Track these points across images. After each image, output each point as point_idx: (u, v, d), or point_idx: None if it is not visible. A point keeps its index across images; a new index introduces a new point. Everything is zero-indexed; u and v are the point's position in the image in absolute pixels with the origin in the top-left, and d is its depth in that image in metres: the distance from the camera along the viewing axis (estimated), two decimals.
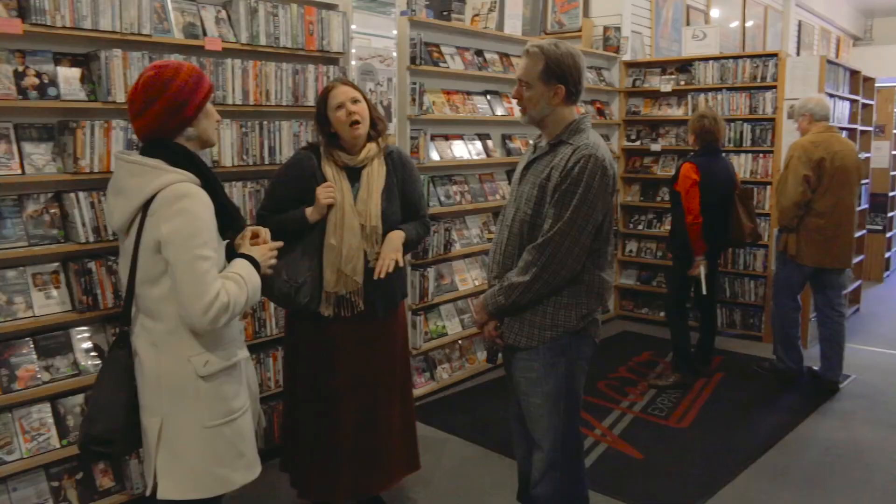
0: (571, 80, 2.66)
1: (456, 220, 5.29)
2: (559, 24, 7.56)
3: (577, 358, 2.79)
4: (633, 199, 7.07)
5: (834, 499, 3.75)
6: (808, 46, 12.44)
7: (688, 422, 4.67)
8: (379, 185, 3.13)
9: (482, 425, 4.50)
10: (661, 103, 6.94)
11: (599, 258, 2.72)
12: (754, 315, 6.43)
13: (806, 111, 5.18)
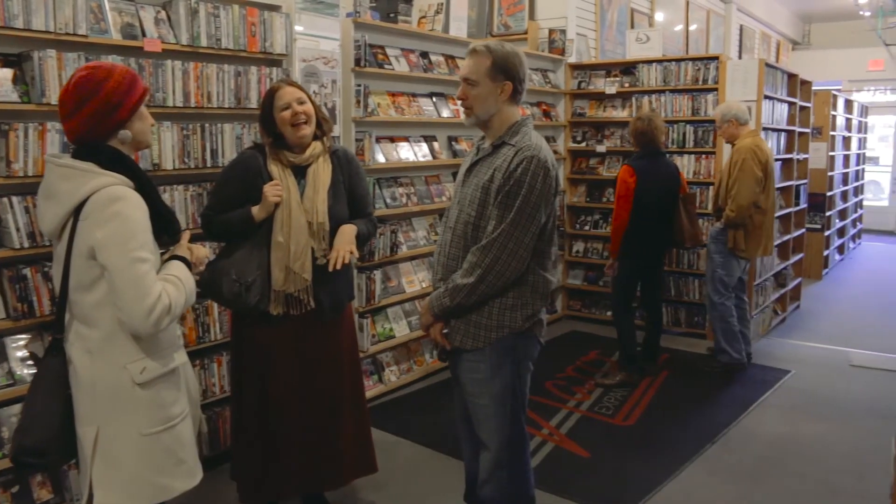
0: (518, 77, 2.69)
1: (402, 221, 5.28)
2: (505, 26, 7.58)
3: (523, 358, 2.81)
4: (580, 200, 7.13)
5: (775, 491, 3.83)
6: (750, 50, 12.69)
7: (633, 419, 4.72)
8: (325, 183, 3.12)
9: (431, 427, 4.50)
10: (606, 105, 7.02)
11: (544, 259, 2.75)
12: (698, 313, 6.54)
13: (731, 116, 5.41)
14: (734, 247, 5.38)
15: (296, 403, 3.17)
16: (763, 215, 5.38)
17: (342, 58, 4.64)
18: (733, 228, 5.35)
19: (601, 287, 6.97)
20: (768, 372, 5.65)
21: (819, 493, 3.82)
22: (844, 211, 10.91)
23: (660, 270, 5.62)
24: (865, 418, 4.74)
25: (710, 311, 5.65)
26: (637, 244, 5.16)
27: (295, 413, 3.17)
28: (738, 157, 5.25)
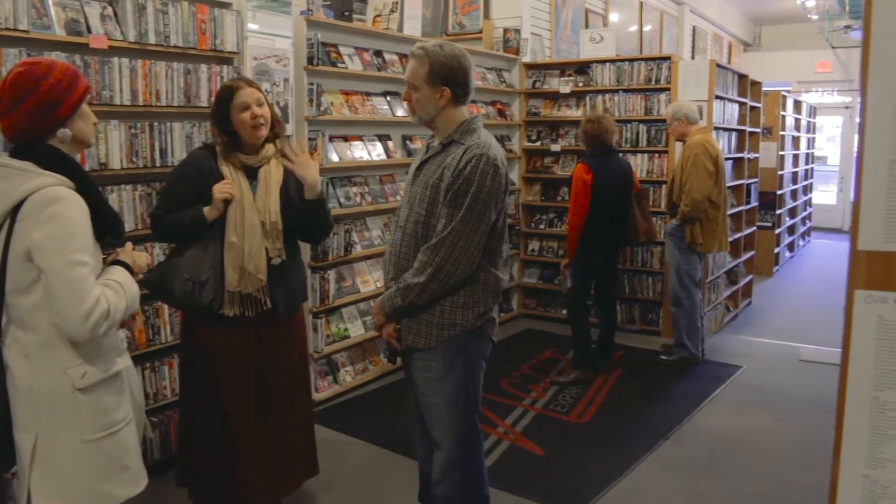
0: (457, 81, 2.68)
1: (357, 221, 5.25)
2: (460, 25, 7.59)
3: (476, 357, 2.81)
4: (535, 198, 7.16)
5: (726, 485, 3.88)
6: (702, 51, 12.86)
7: (588, 417, 4.75)
8: (277, 183, 3.09)
9: (386, 427, 4.47)
10: (561, 104, 7.06)
11: (495, 257, 2.75)
12: (653, 310, 6.61)
13: (681, 115, 5.52)
14: (692, 241, 5.47)
15: (253, 409, 3.12)
16: (717, 209, 5.50)
17: (294, 56, 4.60)
18: (689, 223, 5.44)
19: (557, 285, 7.00)
20: (720, 367, 5.72)
21: (768, 485, 3.88)
22: (794, 209, 11.12)
23: (614, 268, 5.68)
24: (813, 411, 4.83)
25: (675, 307, 5.71)
26: (592, 242, 5.19)
27: (253, 419, 3.12)
28: (690, 152, 5.35)
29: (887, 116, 1.27)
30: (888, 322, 1.29)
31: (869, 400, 1.32)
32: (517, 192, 7.09)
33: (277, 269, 3.06)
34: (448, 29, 7.68)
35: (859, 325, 1.31)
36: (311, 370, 4.80)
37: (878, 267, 1.30)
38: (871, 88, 1.28)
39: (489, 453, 4.15)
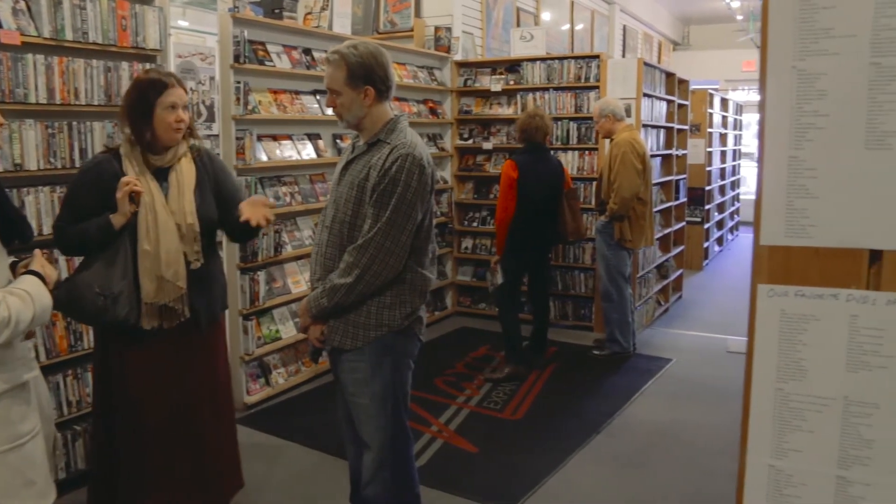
0: (378, 78, 2.67)
1: (287, 221, 5.19)
2: (391, 23, 7.57)
3: (403, 356, 2.80)
4: (467, 196, 7.18)
5: (657, 477, 3.94)
6: (633, 50, 13.07)
7: (521, 413, 4.78)
8: (190, 183, 2.96)
9: (319, 429, 4.43)
10: (492, 102, 7.09)
11: (422, 256, 2.74)
12: (585, 306, 6.69)
13: (609, 112, 5.59)
14: (621, 238, 5.55)
15: (173, 425, 3.01)
16: (644, 206, 5.60)
17: (220, 54, 4.53)
18: (618, 220, 5.52)
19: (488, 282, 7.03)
20: (651, 361, 5.83)
21: (696, 474, 3.96)
22: (722, 204, 11.38)
23: (546, 265, 5.73)
24: (740, 401, 4.89)
25: (605, 302, 5.79)
26: (521, 239, 5.24)
27: (174, 436, 3.01)
28: (618, 150, 5.43)
29: (785, 114, 1.30)
30: (790, 315, 1.33)
31: (773, 391, 1.35)
32: (450, 191, 7.10)
33: (197, 275, 2.95)
34: (379, 27, 7.65)
35: (763, 319, 1.34)
36: (242, 373, 4.75)
37: (780, 261, 1.33)
38: (770, 87, 1.31)
39: (423, 452, 4.15)
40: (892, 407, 1.27)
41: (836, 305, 1.29)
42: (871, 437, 1.29)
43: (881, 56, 1.23)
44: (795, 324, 1.32)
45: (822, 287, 1.29)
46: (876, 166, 1.25)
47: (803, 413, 1.34)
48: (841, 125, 1.26)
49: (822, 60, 1.26)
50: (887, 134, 1.23)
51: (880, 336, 1.27)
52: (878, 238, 1.26)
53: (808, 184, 1.28)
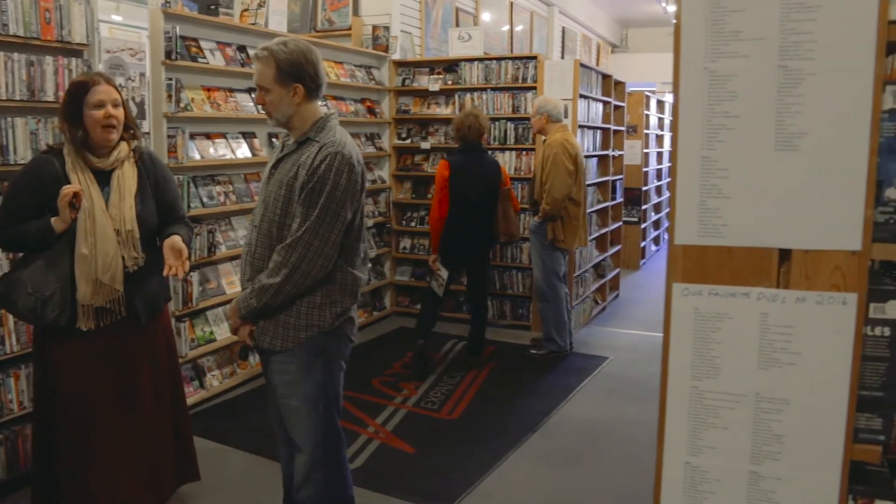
0: (308, 76, 2.65)
1: (221, 221, 5.10)
2: (329, 21, 7.51)
3: (335, 357, 2.79)
4: (405, 196, 7.16)
5: (592, 474, 3.98)
6: (572, 51, 13.19)
7: (459, 412, 4.79)
8: (131, 188, 2.95)
9: (255, 432, 4.37)
10: (430, 102, 7.08)
11: (352, 256, 2.73)
12: (523, 305, 6.73)
13: (545, 111, 5.61)
14: (554, 238, 5.58)
15: (119, 422, 2.97)
16: (577, 207, 5.64)
17: (151, 50, 4.43)
18: (551, 221, 5.55)
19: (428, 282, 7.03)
20: (588, 359, 5.88)
21: (631, 470, 4.00)
22: (659, 204, 11.56)
23: (485, 265, 5.75)
24: None
25: (541, 302, 5.82)
26: (455, 238, 5.27)
27: (120, 432, 2.98)
28: (550, 151, 5.46)
29: (697, 115, 1.32)
30: (704, 314, 1.35)
31: (688, 389, 1.37)
32: (388, 190, 7.08)
33: (134, 275, 2.94)
34: (317, 25, 7.59)
35: (677, 317, 1.36)
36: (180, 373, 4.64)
37: (694, 261, 1.35)
38: (683, 88, 1.33)
39: (359, 453, 4.13)
40: (800, 402, 1.30)
41: (747, 304, 1.31)
42: (781, 433, 1.32)
43: (788, 59, 1.26)
44: (709, 322, 1.34)
45: (735, 286, 1.32)
46: (784, 167, 1.27)
47: (717, 410, 1.36)
48: (751, 126, 1.29)
49: (732, 62, 1.29)
50: (795, 135, 1.26)
51: (789, 333, 1.30)
52: (787, 237, 1.29)
53: (720, 184, 1.31)
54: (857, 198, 1.24)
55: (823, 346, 1.29)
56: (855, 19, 1.21)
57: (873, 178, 1.23)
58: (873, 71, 1.20)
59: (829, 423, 1.29)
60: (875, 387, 1.30)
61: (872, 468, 1.34)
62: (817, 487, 1.31)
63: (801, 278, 1.29)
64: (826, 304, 1.28)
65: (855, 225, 1.25)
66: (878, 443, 1.31)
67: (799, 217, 1.28)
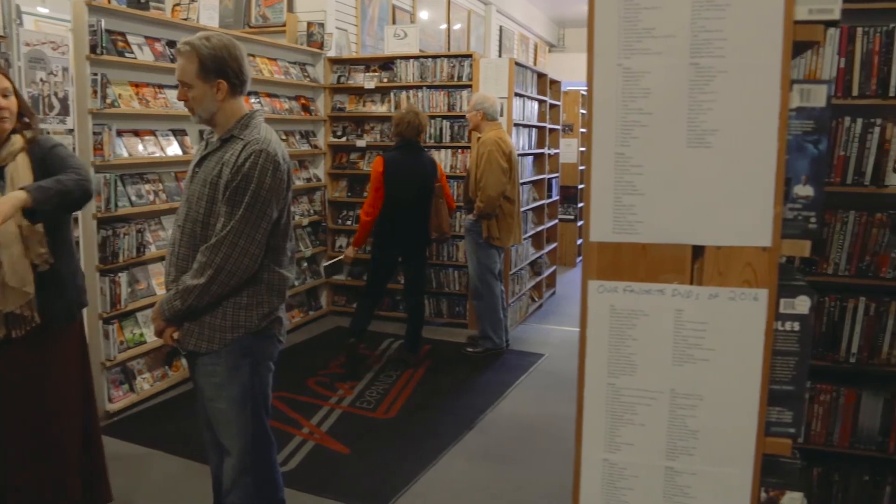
0: (231, 72, 2.59)
1: (150, 220, 4.98)
2: (263, 17, 7.40)
3: (262, 358, 2.74)
4: (341, 195, 7.10)
5: (528, 469, 4.00)
6: (509, 50, 13.24)
7: (395, 412, 4.77)
8: (27, 181, 2.74)
9: (188, 436, 4.27)
10: (366, 100, 7.04)
11: (279, 255, 2.69)
12: (459, 304, 6.73)
13: (482, 108, 5.63)
14: (489, 236, 5.59)
15: (28, 437, 2.84)
16: (512, 205, 5.66)
17: (74, 44, 4.30)
18: (485, 219, 5.56)
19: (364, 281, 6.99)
20: (524, 356, 5.92)
21: (565, 466, 4.01)
22: None
23: (422, 263, 5.73)
24: None
25: (476, 300, 5.84)
26: (388, 235, 5.27)
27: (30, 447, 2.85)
28: (484, 149, 5.47)
29: (612, 112, 1.32)
30: (619, 311, 1.35)
31: (605, 386, 1.38)
32: (323, 189, 7.01)
33: (46, 277, 2.78)
34: (251, 21, 7.47)
35: (593, 315, 1.36)
36: (104, 379, 4.53)
37: (609, 257, 1.36)
38: (597, 85, 1.33)
39: (293, 455, 4.08)
40: (714, 398, 1.31)
41: (662, 300, 1.32)
42: (696, 428, 1.33)
43: (699, 56, 1.26)
44: (625, 319, 1.35)
45: (650, 282, 1.32)
46: (697, 164, 1.28)
47: (634, 407, 1.37)
48: (664, 123, 1.29)
49: (645, 59, 1.29)
50: (706, 132, 1.27)
51: (703, 329, 1.31)
52: (700, 234, 1.30)
53: (634, 180, 1.31)
54: (767, 194, 1.26)
55: (736, 342, 1.30)
56: (762, 18, 1.23)
57: (782, 176, 1.24)
58: (780, 69, 1.22)
59: (742, 418, 1.31)
60: (785, 381, 1.32)
61: (785, 460, 1.36)
62: (731, 481, 1.32)
63: (714, 275, 1.30)
64: (738, 300, 1.29)
65: (765, 221, 1.26)
66: (788, 436, 1.33)
67: (711, 213, 1.29)
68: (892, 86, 2.65)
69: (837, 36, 2.64)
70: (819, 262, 2.75)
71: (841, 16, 1.21)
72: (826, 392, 2.81)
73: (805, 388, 1.33)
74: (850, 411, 2.79)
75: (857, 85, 2.67)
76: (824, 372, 2.84)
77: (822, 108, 1.26)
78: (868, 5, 2.67)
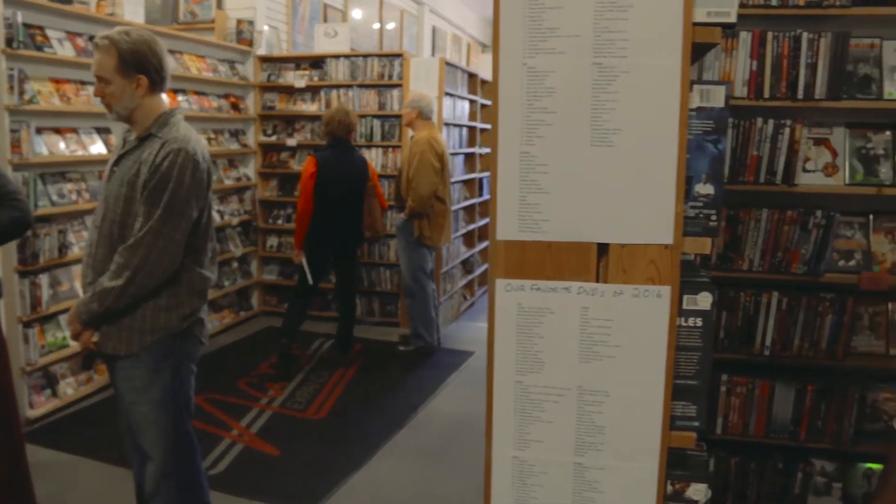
0: (152, 67, 2.54)
1: (73, 220, 4.85)
2: (192, 14, 7.27)
3: (184, 360, 2.69)
4: (272, 194, 7.03)
5: (458, 467, 4.02)
6: (442, 50, 13.26)
7: (325, 412, 4.74)
8: None
9: (113, 441, 4.13)
10: (297, 99, 6.97)
11: (200, 255, 2.65)
12: (391, 302, 6.73)
13: (417, 106, 5.62)
14: (420, 235, 5.59)
15: None
16: (443, 204, 5.67)
17: None
18: (417, 218, 5.55)
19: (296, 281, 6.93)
20: (455, 355, 5.94)
21: None
22: None
23: (353, 262, 5.71)
24: None
25: (408, 299, 5.83)
26: (321, 234, 5.24)
27: None
28: (416, 149, 5.46)
29: (517, 111, 1.33)
30: (526, 309, 1.37)
31: (513, 384, 1.39)
32: (253, 188, 6.93)
33: None
34: (179, 17, 7.33)
35: (501, 313, 1.37)
36: (25, 384, 4.40)
37: (515, 256, 1.37)
38: (502, 84, 1.34)
39: (222, 458, 4.03)
40: (620, 393, 1.34)
41: (568, 298, 1.34)
42: (603, 424, 1.35)
43: (602, 56, 1.29)
44: (532, 317, 1.36)
45: (556, 280, 1.34)
46: (600, 163, 1.30)
47: (542, 404, 1.38)
48: (568, 122, 1.31)
49: (549, 59, 1.31)
50: (609, 132, 1.29)
51: (608, 326, 1.33)
52: (604, 232, 1.32)
53: (539, 179, 1.33)
54: (668, 193, 1.29)
55: (640, 338, 1.33)
56: (663, 20, 1.25)
57: (683, 174, 1.27)
58: (680, 70, 1.25)
59: (648, 413, 1.34)
60: (689, 375, 1.35)
61: (692, 453, 1.39)
62: (638, 475, 1.35)
63: (619, 272, 1.32)
64: (642, 297, 1.31)
65: (667, 219, 1.29)
66: (693, 429, 1.36)
67: (615, 212, 1.32)
68: (801, 88, 2.74)
69: (750, 40, 2.72)
70: (734, 258, 2.82)
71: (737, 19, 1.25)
72: (742, 384, 2.89)
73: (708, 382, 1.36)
74: (764, 402, 2.87)
75: (769, 87, 2.75)
76: (741, 365, 2.93)
77: (721, 108, 1.30)
78: (777, 11, 2.75)
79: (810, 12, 2.75)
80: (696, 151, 1.30)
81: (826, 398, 2.87)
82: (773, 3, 2.75)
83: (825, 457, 2.99)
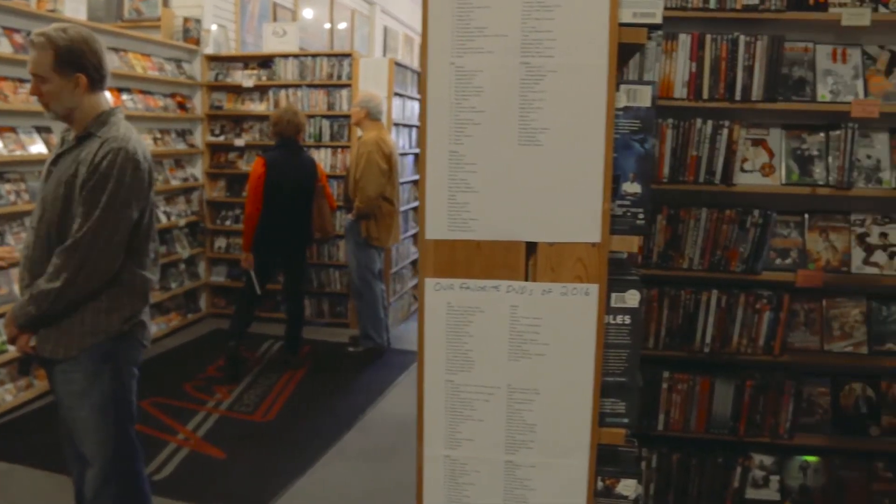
0: (91, 65, 2.49)
1: (12, 222, 4.74)
2: (137, 11, 7.14)
3: (124, 363, 2.65)
4: (220, 194, 6.95)
5: (407, 467, 3.98)
6: (394, 50, 13.23)
7: (273, 414, 4.70)
8: None
9: (54, 448, 4.06)
10: (245, 98, 6.90)
11: (141, 256, 2.61)
12: (341, 303, 6.70)
13: (366, 106, 5.60)
14: (368, 236, 5.57)
15: None
16: (391, 205, 5.66)
17: None
18: (365, 219, 5.53)
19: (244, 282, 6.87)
20: (404, 355, 5.94)
21: None
22: None
23: (302, 263, 5.68)
24: None
25: (357, 300, 5.81)
26: (269, 235, 5.20)
27: None
28: (364, 149, 5.45)
29: (445, 110, 1.34)
30: (456, 308, 1.37)
31: (444, 383, 1.39)
32: (201, 189, 6.84)
33: None
34: (124, 14, 7.20)
35: (430, 312, 1.38)
36: None
37: (445, 255, 1.37)
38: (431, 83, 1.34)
39: (167, 463, 3.97)
40: (550, 391, 1.35)
41: (497, 297, 1.35)
42: (534, 422, 1.36)
43: (530, 56, 1.29)
44: (461, 316, 1.37)
45: (485, 279, 1.34)
46: (528, 162, 1.31)
47: (472, 403, 1.39)
48: (496, 121, 1.32)
49: (478, 58, 1.31)
50: (537, 131, 1.30)
51: (537, 325, 1.34)
52: (532, 231, 1.33)
53: (468, 178, 1.33)
54: (595, 191, 1.30)
55: (569, 336, 1.34)
56: (589, 20, 1.27)
57: (610, 173, 1.29)
58: (607, 70, 1.26)
59: (577, 410, 1.35)
60: (618, 372, 1.37)
61: (622, 449, 1.41)
62: (568, 472, 1.36)
63: (547, 270, 1.33)
64: (570, 295, 1.33)
65: (594, 218, 1.31)
66: (622, 426, 1.38)
67: (542, 211, 1.33)
68: (739, 90, 2.79)
69: (689, 42, 2.76)
70: (675, 257, 2.86)
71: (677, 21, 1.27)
72: (683, 381, 2.94)
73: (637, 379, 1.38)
74: (705, 399, 2.92)
75: (708, 89, 2.79)
76: (681, 362, 2.97)
77: (648, 107, 1.32)
78: (715, 14, 2.79)
79: (747, 16, 2.79)
80: (623, 150, 1.32)
81: (764, 393, 2.93)
82: (712, 6, 2.79)
83: (763, 451, 3.04)
